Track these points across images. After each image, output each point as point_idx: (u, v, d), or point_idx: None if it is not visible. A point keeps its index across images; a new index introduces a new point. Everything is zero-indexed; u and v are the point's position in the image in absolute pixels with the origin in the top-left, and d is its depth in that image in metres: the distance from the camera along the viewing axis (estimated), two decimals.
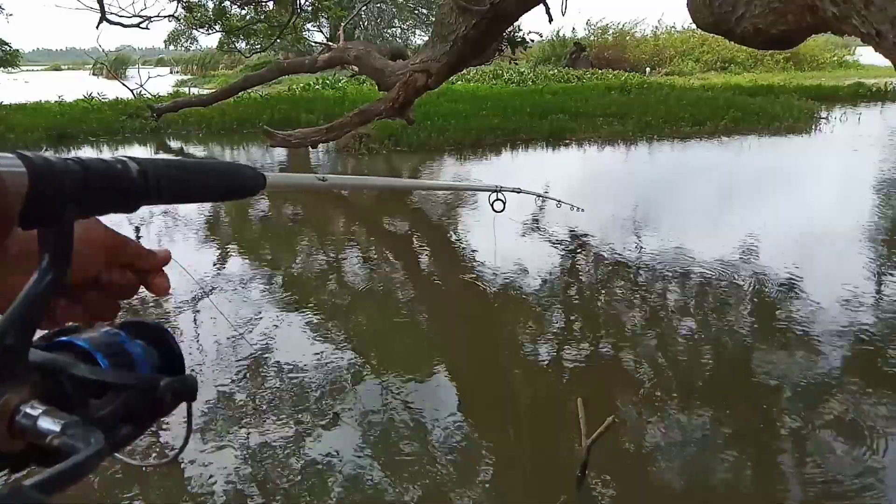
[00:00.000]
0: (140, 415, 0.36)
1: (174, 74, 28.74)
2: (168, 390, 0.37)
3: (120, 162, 0.36)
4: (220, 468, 2.37)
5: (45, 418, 0.31)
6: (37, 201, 0.31)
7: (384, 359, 3.26)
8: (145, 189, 0.37)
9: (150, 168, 0.37)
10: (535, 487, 2.29)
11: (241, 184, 0.46)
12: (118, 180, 0.35)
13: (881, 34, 1.94)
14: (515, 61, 14.79)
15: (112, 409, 0.35)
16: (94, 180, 0.34)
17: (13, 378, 0.32)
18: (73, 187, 0.33)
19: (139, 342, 0.39)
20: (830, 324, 3.50)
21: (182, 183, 0.40)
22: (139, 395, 0.36)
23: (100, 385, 0.35)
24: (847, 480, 2.29)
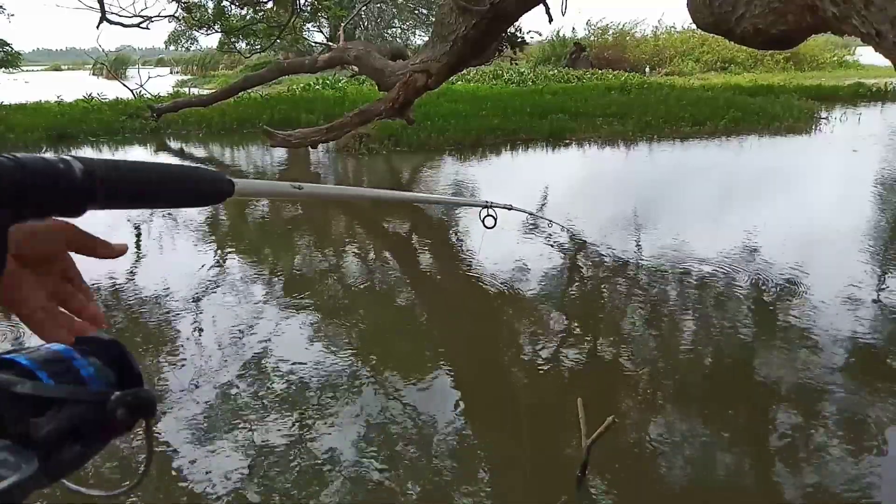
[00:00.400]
0: (89, 435, 0.33)
1: (174, 75, 28.75)
2: (120, 405, 0.33)
3: (62, 161, 0.33)
4: (220, 468, 2.37)
5: None
6: None
7: (384, 358, 3.26)
8: (91, 191, 0.34)
9: (97, 169, 0.34)
10: (535, 487, 2.29)
11: (203, 189, 0.42)
12: (59, 180, 0.32)
13: (881, 34, 1.94)
14: (515, 61, 14.79)
15: (53, 427, 0.31)
16: (32, 180, 0.31)
17: None
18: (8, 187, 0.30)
19: (91, 359, 0.36)
20: (831, 323, 3.50)
21: (135, 186, 0.37)
22: (86, 411, 0.32)
23: (40, 402, 0.32)
24: (847, 480, 2.29)
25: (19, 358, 0.33)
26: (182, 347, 3.38)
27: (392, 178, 8.20)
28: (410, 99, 6.10)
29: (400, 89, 5.92)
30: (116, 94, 13.52)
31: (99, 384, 0.35)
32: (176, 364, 3.19)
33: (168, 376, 3.06)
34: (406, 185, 7.86)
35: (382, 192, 1.97)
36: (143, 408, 0.34)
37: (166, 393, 2.90)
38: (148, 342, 3.46)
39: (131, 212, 5.93)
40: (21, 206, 0.31)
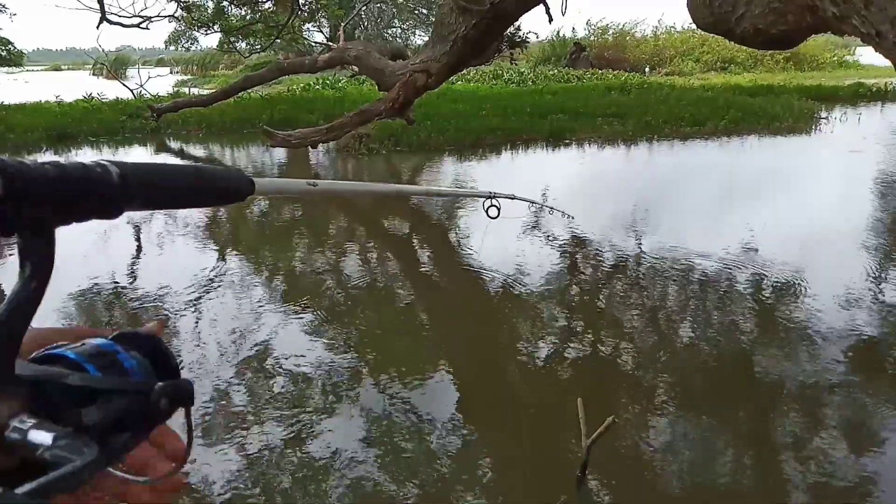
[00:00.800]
0: (135, 423, 0.35)
1: (174, 75, 28.74)
2: (162, 395, 0.35)
3: (100, 166, 0.34)
4: (219, 468, 2.37)
5: (36, 431, 0.30)
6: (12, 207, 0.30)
7: (384, 358, 3.26)
8: (126, 194, 0.35)
9: (132, 172, 0.35)
10: (535, 487, 2.29)
11: (227, 189, 0.44)
12: (98, 185, 0.34)
13: (881, 34, 1.94)
14: (515, 61, 14.79)
15: (104, 416, 0.33)
16: (73, 185, 0.33)
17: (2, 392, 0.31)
18: (51, 193, 0.32)
19: (133, 352, 0.38)
20: (831, 323, 3.50)
21: (165, 188, 0.39)
22: (132, 401, 0.35)
23: (90, 393, 0.34)
24: (847, 480, 2.29)
25: (67, 352, 0.36)
26: (182, 347, 3.38)
27: (392, 178, 8.20)
28: (410, 99, 6.10)
29: (400, 89, 5.92)
30: (116, 94, 13.53)
31: (141, 375, 0.37)
32: None
33: None
34: (406, 185, 7.85)
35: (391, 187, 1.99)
36: (183, 397, 0.37)
37: None
38: None
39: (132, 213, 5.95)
40: (64, 211, 0.33)
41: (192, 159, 9.47)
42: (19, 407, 0.31)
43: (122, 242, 5.36)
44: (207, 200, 0.43)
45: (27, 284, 0.32)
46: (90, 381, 0.34)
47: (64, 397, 0.33)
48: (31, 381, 0.33)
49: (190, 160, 9.34)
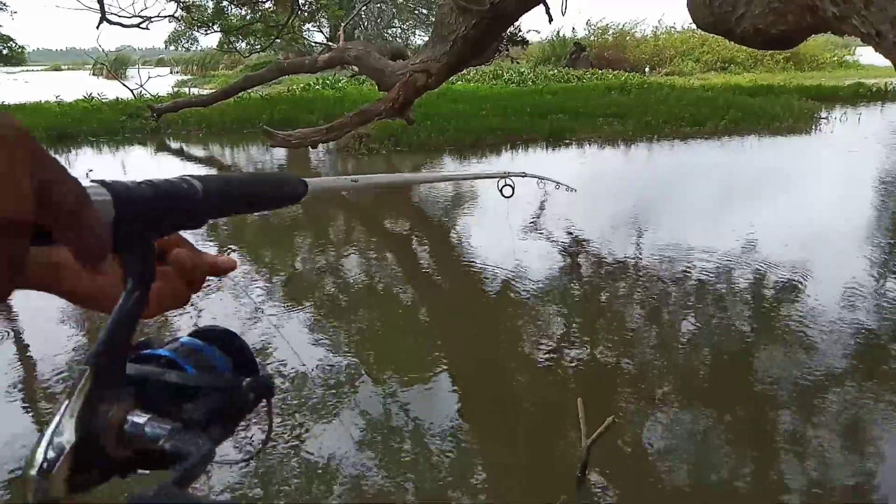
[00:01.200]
0: (227, 415, 0.38)
1: (174, 75, 28.74)
2: (250, 389, 0.39)
3: (185, 182, 0.37)
4: (219, 467, 2.37)
5: (151, 425, 0.34)
6: (121, 227, 0.33)
7: (384, 358, 3.26)
8: (209, 205, 0.38)
9: (212, 186, 0.39)
10: (535, 487, 2.29)
11: (287, 193, 0.48)
12: (186, 200, 0.37)
13: (881, 34, 1.94)
14: (515, 61, 14.79)
15: (204, 411, 0.37)
16: (166, 202, 0.36)
17: (117, 391, 0.34)
18: (150, 210, 0.34)
19: (217, 349, 0.41)
20: (831, 323, 3.50)
21: (238, 197, 0.42)
22: (225, 396, 0.38)
23: (189, 389, 0.37)
24: (847, 480, 2.29)
25: (162, 351, 0.40)
26: None
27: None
28: (410, 99, 6.10)
29: (400, 89, 5.92)
30: (116, 95, 13.53)
31: (228, 371, 0.41)
32: None
33: None
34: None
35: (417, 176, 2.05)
36: (267, 390, 0.40)
37: None
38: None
39: None
40: (159, 225, 0.36)
41: (192, 160, 9.47)
42: (132, 404, 0.35)
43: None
44: (271, 204, 0.47)
45: (130, 296, 0.35)
46: (188, 379, 0.38)
47: (166, 394, 0.37)
48: (137, 379, 0.37)
49: (190, 161, 9.34)
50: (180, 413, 0.36)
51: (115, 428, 0.34)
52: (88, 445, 0.32)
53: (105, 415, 0.33)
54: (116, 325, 0.35)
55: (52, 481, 0.31)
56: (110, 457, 0.34)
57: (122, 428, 0.34)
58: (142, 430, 0.34)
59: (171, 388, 0.37)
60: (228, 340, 0.43)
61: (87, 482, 0.33)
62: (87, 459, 0.32)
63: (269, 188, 0.46)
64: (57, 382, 3.04)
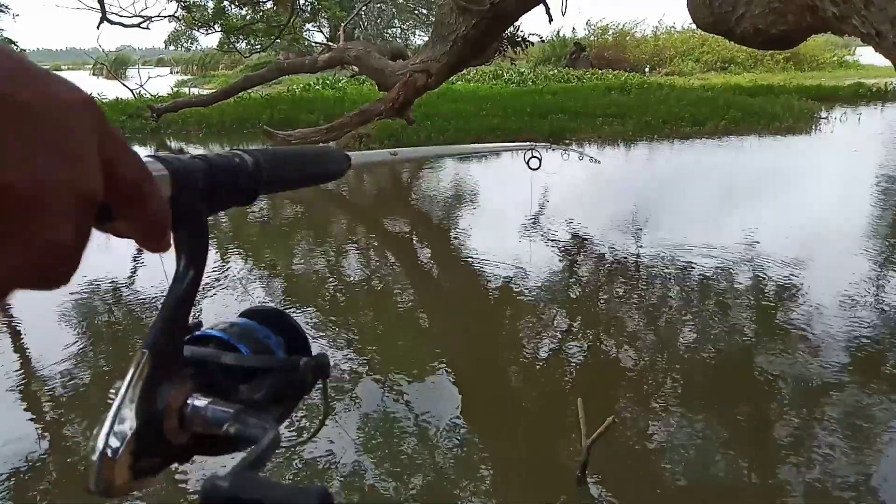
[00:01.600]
0: (286, 396, 0.38)
1: (174, 74, 28.73)
2: (308, 369, 0.38)
3: (237, 156, 0.36)
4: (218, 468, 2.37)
5: (213, 408, 0.33)
6: (179, 203, 0.31)
7: (383, 357, 3.26)
8: (260, 180, 0.37)
9: (262, 159, 0.37)
10: (535, 487, 2.29)
11: (333, 167, 0.46)
12: (238, 175, 0.36)
13: (881, 34, 1.94)
14: (515, 61, 14.79)
15: (264, 392, 0.36)
16: (219, 176, 0.34)
17: (175, 375, 0.33)
18: (204, 184, 0.33)
19: (266, 328, 0.40)
20: (831, 323, 3.50)
21: (287, 172, 0.41)
22: (282, 376, 0.37)
23: (247, 371, 0.36)
24: (848, 480, 2.29)
25: (215, 332, 0.38)
26: None
27: (392, 177, 8.21)
28: (410, 99, 6.10)
29: (400, 89, 5.92)
30: (116, 94, 13.52)
31: (281, 352, 0.40)
32: None
33: None
34: (406, 184, 7.87)
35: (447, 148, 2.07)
36: (324, 370, 0.39)
37: None
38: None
39: None
40: (212, 200, 0.34)
41: None
42: (191, 387, 0.34)
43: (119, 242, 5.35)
44: (317, 179, 0.45)
45: (185, 275, 0.34)
46: (246, 361, 0.37)
47: (224, 376, 0.36)
48: (194, 361, 0.35)
49: None
50: (238, 395, 0.36)
51: (175, 412, 0.33)
52: (149, 431, 0.32)
53: (165, 399, 0.33)
54: (172, 307, 0.34)
55: (116, 468, 0.30)
56: (171, 442, 0.33)
57: (182, 412, 0.33)
58: (203, 413, 0.33)
59: (229, 370, 0.36)
60: (279, 320, 0.42)
61: (149, 468, 0.32)
62: (149, 445, 0.32)
63: (317, 162, 0.45)
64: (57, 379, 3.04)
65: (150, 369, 0.32)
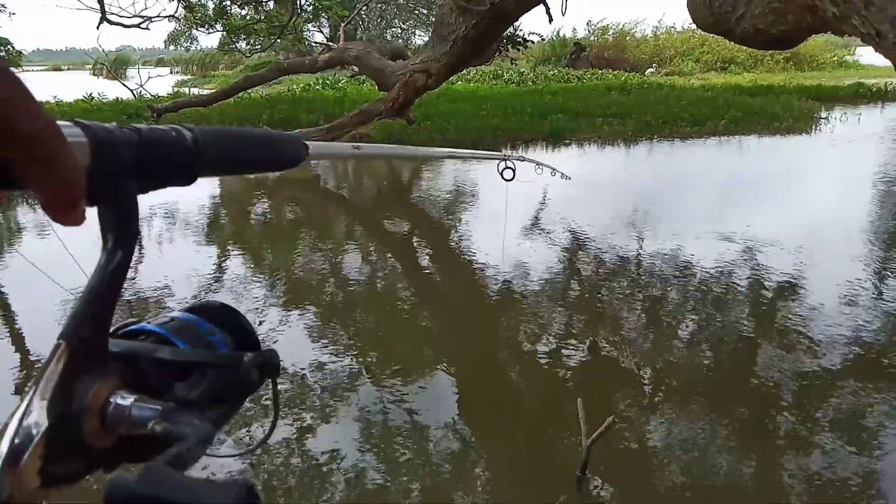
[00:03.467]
0: (228, 395, 0.35)
1: (174, 74, 28.73)
2: (253, 366, 0.35)
3: (174, 129, 0.33)
4: (220, 467, 2.37)
5: (139, 406, 0.30)
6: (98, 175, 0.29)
7: (383, 357, 3.26)
8: (200, 159, 0.34)
9: (202, 136, 0.35)
10: (535, 487, 2.29)
11: (287, 153, 0.44)
12: (175, 149, 0.33)
13: (881, 34, 1.94)
14: (515, 61, 14.79)
15: (201, 389, 0.33)
16: (152, 149, 0.32)
17: (97, 369, 0.30)
18: (132, 158, 0.31)
19: (213, 325, 0.37)
20: (831, 323, 3.50)
21: (233, 152, 0.38)
22: (224, 373, 0.34)
23: (183, 367, 0.33)
24: (847, 480, 2.29)
25: (151, 326, 0.35)
26: None
27: (392, 177, 8.20)
28: (410, 99, 6.10)
29: (400, 89, 5.92)
30: (116, 95, 13.53)
31: (225, 348, 0.37)
32: None
33: None
34: (406, 184, 7.87)
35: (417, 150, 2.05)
36: (271, 368, 0.36)
37: None
38: None
39: None
40: (144, 176, 0.32)
41: None
42: (116, 383, 0.31)
43: None
44: (270, 165, 0.43)
45: (111, 257, 0.31)
46: (181, 355, 0.34)
47: (156, 372, 0.33)
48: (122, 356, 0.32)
49: None
50: (172, 393, 0.33)
51: (95, 410, 0.30)
52: (64, 431, 0.28)
53: (84, 396, 0.29)
54: (94, 293, 0.30)
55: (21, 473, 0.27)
56: (91, 445, 0.30)
57: (104, 411, 0.30)
58: (128, 412, 0.30)
59: (162, 366, 0.33)
60: (228, 316, 0.38)
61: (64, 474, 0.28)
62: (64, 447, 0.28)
63: (268, 146, 0.42)
64: None
65: (67, 362, 0.29)
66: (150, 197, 3.58)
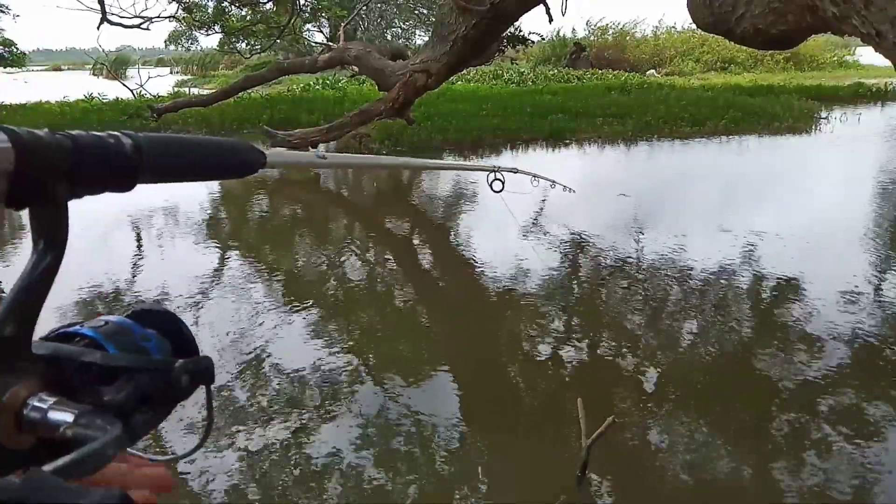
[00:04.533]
0: (157, 401, 0.35)
1: (174, 75, 28.74)
2: (183, 372, 0.35)
3: (112, 136, 0.34)
4: (219, 468, 2.37)
5: (56, 409, 0.30)
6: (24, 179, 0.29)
7: (384, 357, 3.26)
8: (140, 166, 0.34)
9: (146, 143, 0.35)
10: (535, 487, 2.29)
11: (240, 161, 0.43)
12: (112, 156, 0.33)
13: (881, 34, 1.94)
14: (515, 61, 14.79)
15: (125, 394, 0.33)
16: (86, 155, 0.32)
17: (18, 370, 0.30)
18: (64, 163, 0.31)
19: (150, 330, 0.37)
20: (831, 323, 3.50)
21: (180, 159, 0.38)
22: (153, 379, 0.34)
23: (110, 371, 0.33)
24: (848, 480, 2.29)
25: (84, 330, 0.35)
26: None
27: (392, 177, 8.20)
28: (410, 99, 6.10)
29: (400, 89, 5.92)
30: (116, 95, 13.53)
31: (159, 353, 0.37)
32: None
33: None
34: (406, 183, 7.86)
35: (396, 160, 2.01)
36: (204, 374, 0.37)
37: None
38: None
39: (129, 208, 5.95)
40: (77, 181, 0.32)
41: None
42: (37, 385, 0.31)
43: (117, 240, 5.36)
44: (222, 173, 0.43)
45: (41, 260, 0.31)
46: (109, 360, 0.34)
47: (83, 376, 0.33)
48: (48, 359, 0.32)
49: None
50: (96, 397, 0.32)
51: (11, 411, 0.29)
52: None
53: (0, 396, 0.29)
54: (21, 292, 0.30)
55: None
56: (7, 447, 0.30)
57: (21, 412, 0.30)
58: (44, 414, 0.30)
59: (89, 370, 0.33)
60: (167, 322, 0.38)
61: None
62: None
63: (218, 154, 0.41)
64: None
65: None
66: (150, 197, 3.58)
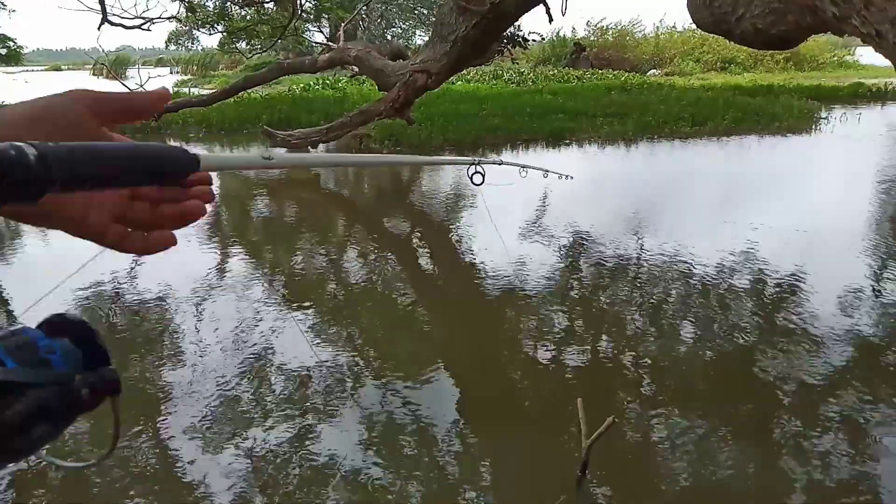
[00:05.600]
0: (56, 414, 0.34)
1: (174, 75, 28.73)
2: (84, 385, 0.35)
3: (13, 147, 0.32)
4: (219, 468, 2.37)
5: None
6: None
7: (384, 357, 3.26)
8: (47, 176, 0.33)
9: (52, 153, 0.33)
10: (535, 487, 2.29)
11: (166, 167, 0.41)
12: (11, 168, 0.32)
13: (881, 34, 1.94)
14: (515, 61, 14.78)
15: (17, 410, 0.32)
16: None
17: None
18: None
19: (60, 341, 0.37)
20: (831, 323, 3.50)
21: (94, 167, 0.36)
22: (52, 392, 0.34)
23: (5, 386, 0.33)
24: (848, 480, 2.29)
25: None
26: (182, 347, 3.38)
27: (392, 177, 8.20)
28: (410, 99, 6.10)
29: (400, 89, 5.92)
30: None
31: (64, 366, 0.36)
32: (176, 364, 3.19)
33: (168, 377, 3.06)
34: (406, 183, 7.87)
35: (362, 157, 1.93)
36: (108, 387, 0.36)
37: (168, 393, 2.90)
38: (149, 342, 3.47)
39: None
40: None
41: None
42: None
43: None
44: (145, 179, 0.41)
45: None
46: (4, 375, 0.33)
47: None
48: None
49: None
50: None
51: None
52: None
53: None
54: None
55: None
56: None
57: None
58: None
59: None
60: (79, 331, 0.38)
61: None
62: None
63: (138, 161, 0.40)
64: None
65: None
66: None
